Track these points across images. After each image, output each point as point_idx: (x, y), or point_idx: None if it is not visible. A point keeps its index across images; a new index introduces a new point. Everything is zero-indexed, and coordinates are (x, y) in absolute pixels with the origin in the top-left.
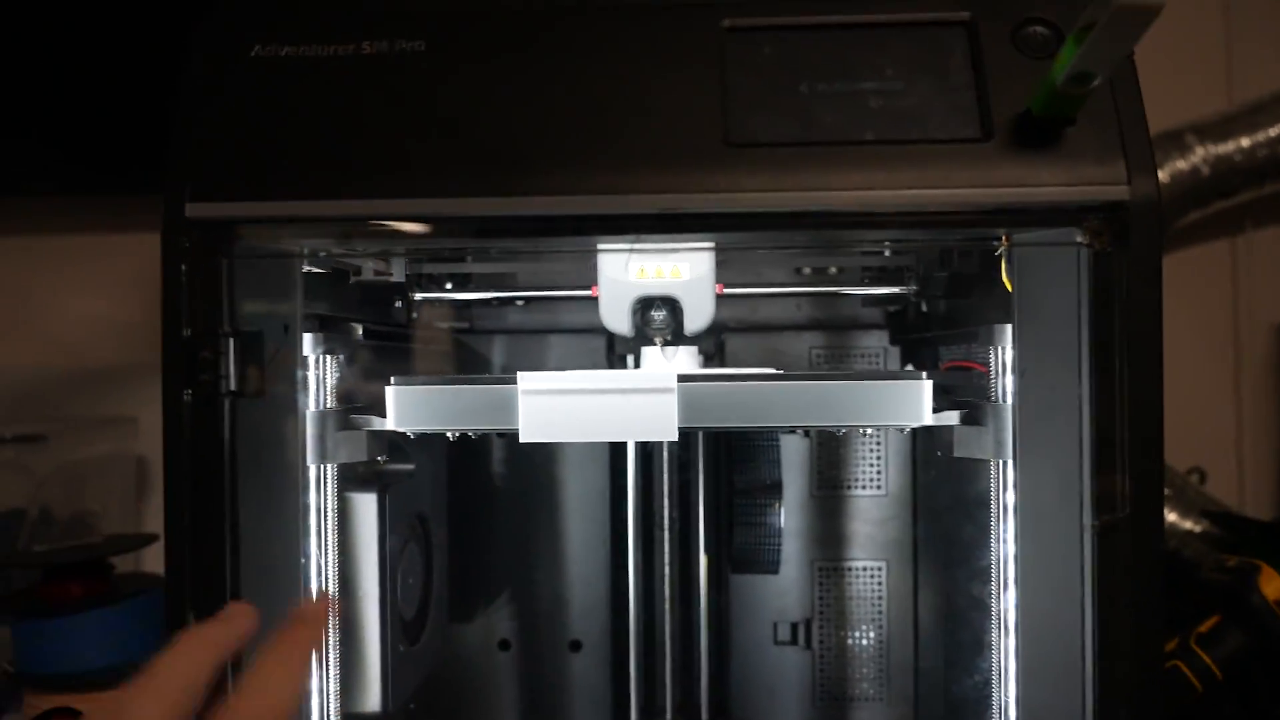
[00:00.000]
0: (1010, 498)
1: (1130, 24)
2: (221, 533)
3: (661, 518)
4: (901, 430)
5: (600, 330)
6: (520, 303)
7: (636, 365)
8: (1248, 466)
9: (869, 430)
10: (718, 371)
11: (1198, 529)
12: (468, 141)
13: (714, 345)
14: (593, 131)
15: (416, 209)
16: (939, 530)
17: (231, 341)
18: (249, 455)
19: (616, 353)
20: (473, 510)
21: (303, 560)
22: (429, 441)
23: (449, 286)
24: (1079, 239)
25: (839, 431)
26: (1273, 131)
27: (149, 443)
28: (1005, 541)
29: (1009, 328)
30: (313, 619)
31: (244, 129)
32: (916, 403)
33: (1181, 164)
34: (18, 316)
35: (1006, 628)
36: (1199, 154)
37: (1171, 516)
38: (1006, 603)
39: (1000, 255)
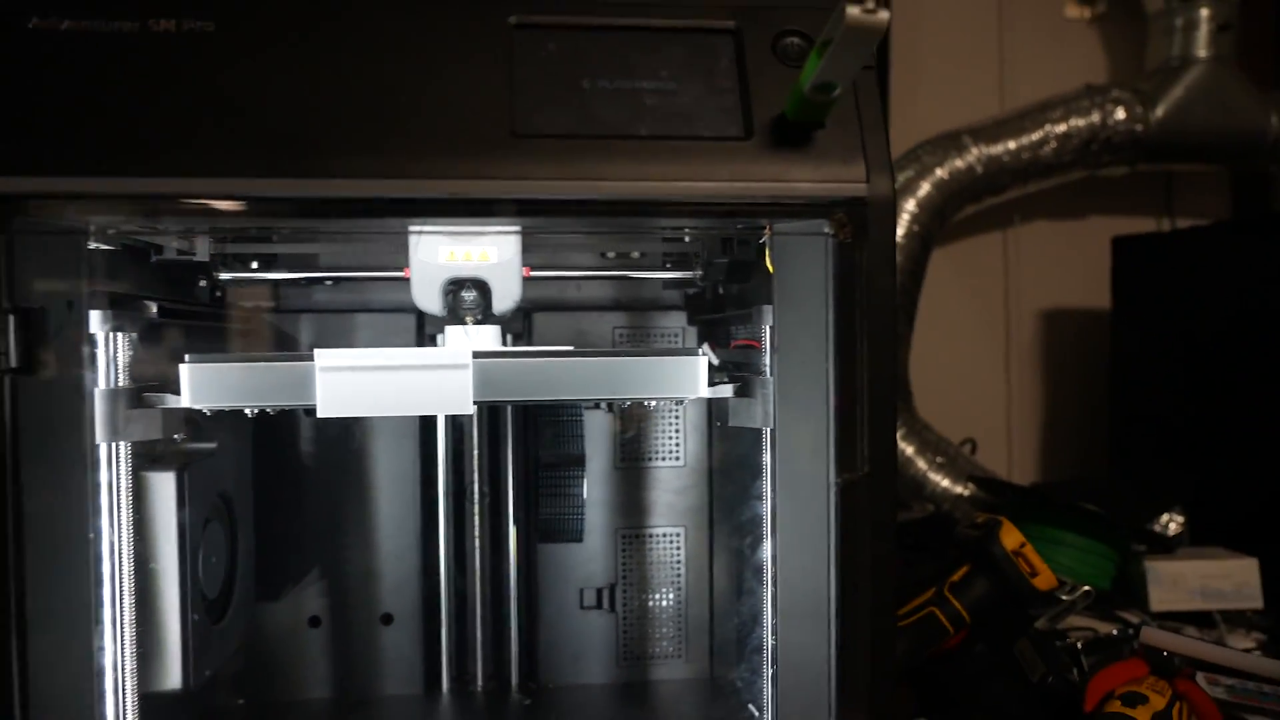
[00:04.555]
0: (769, 459)
1: (860, 40)
2: (3, 513)
3: (472, 491)
4: (680, 402)
5: (410, 309)
6: (329, 282)
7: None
8: (1015, 438)
9: (653, 402)
10: (511, 349)
11: (965, 493)
12: (259, 124)
13: (522, 325)
14: (386, 118)
15: (206, 188)
16: (726, 496)
17: (12, 318)
18: (35, 434)
19: (427, 332)
20: (280, 488)
21: (91, 536)
22: (232, 421)
23: (254, 266)
24: (826, 230)
25: (625, 404)
26: (1035, 136)
27: None
28: (765, 499)
29: (771, 308)
30: None
31: (22, 103)
32: (693, 377)
33: (959, 162)
34: None
35: (766, 576)
36: (974, 154)
37: (944, 482)
38: (765, 553)
39: (764, 243)
